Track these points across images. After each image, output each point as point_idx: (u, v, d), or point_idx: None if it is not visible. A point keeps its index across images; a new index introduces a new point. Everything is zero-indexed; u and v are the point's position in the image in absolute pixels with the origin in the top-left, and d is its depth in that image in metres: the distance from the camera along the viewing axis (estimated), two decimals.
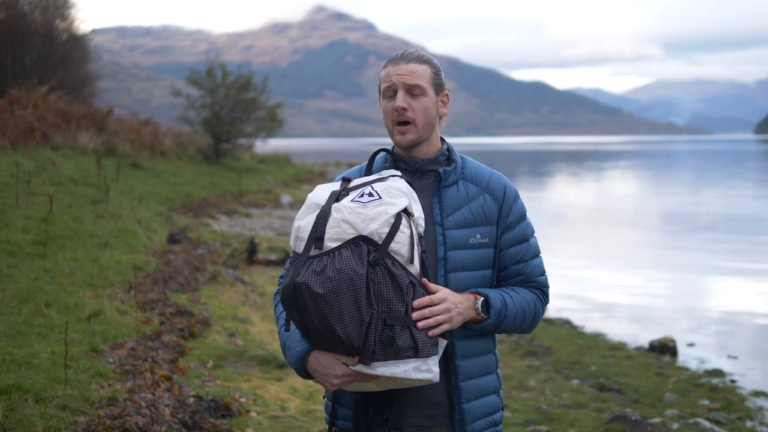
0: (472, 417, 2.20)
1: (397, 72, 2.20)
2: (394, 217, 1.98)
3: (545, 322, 9.24)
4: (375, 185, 2.09)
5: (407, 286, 1.96)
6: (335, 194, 2.07)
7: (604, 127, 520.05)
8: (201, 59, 31.45)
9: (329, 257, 1.94)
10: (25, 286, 6.63)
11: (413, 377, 1.97)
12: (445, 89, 2.28)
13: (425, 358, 1.98)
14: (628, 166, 55.23)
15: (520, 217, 2.29)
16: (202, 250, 10.63)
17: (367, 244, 1.95)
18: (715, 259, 13.90)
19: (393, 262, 1.96)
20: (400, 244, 1.97)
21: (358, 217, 1.98)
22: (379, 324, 1.92)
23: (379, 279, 1.93)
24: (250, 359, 6.04)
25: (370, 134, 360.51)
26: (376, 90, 2.32)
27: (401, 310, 1.94)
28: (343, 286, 1.90)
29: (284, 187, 24.81)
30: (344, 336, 1.91)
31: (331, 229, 1.98)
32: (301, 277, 1.92)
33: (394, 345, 1.93)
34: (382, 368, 1.95)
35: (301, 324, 1.97)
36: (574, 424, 5.52)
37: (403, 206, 2.01)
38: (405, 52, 2.24)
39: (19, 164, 11.72)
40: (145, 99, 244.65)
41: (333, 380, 2.01)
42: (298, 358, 2.09)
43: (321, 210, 2.02)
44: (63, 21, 25.67)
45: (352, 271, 1.91)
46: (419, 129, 2.21)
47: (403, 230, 1.98)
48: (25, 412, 3.98)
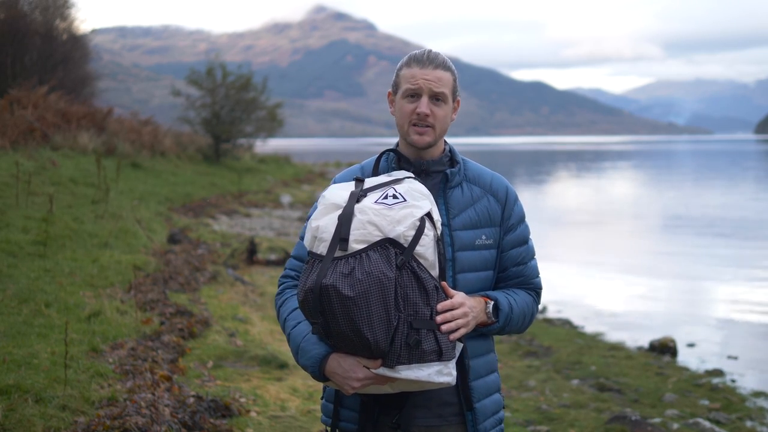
0: (483, 416, 2.23)
1: (425, 77, 2.19)
2: (419, 220, 1.98)
3: (545, 322, 9.25)
4: (396, 187, 2.08)
5: (432, 290, 1.96)
6: (355, 195, 2.05)
7: (604, 127, 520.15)
8: (201, 59, 31.44)
9: (356, 259, 1.92)
10: (25, 286, 6.63)
11: (436, 380, 1.97)
12: (458, 95, 2.29)
13: (447, 361, 1.99)
14: (628, 167, 55.23)
15: (520, 218, 2.32)
16: (202, 250, 10.63)
17: (393, 247, 1.94)
18: (716, 259, 13.90)
19: (419, 266, 1.95)
20: (425, 247, 1.97)
21: (384, 219, 1.97)
22: (405, 327, 1.91)
23: (405, 282, 1.92)
24: (250, 359, 6.04)
25: (370, 134, 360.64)
26: (376, 90, 2.32)
27: (427, 314, 1.94)
28: (372, 289, 1.88)
29: (284, 187, 24.80)
30: (372, 339, 1.89)
31: (356, 230, 1.96)
32: (328, 278, 1.89)
33: (420, 348, 1.93)
34: (407, 372, 1.94)
35: (324, 326, 1.95)
36: (574, 424, 5.52)
37: (427, 209, 2.01)
38: (431, 54, 2.22)
39: (19, 164, 11.71)
40: (145, 99, 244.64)
41: (354, 383, 1.99)
42: (316, 361, 2.05)
43: (344, 211, 2.00)
44: (63, 21, 25.67)
45: (382, 274, 1.89)
46: (436, 134, 2.23)
47: (427, 233, 1.98)
48: (25, 412, 3.98)
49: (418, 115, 2.19)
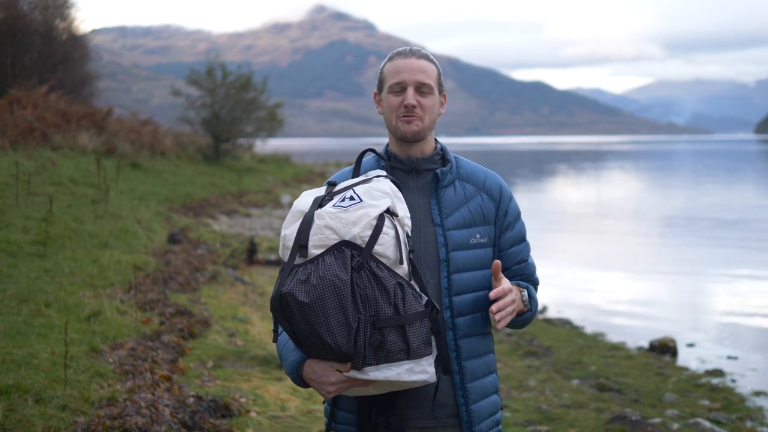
0: (479, 417, 2.22)
1: (409, 67, 2.20)
2: (376, 219, 1.97)
3: (545, 322, 9.25)
4: (357, 188, 2.08)
5: (394, 288, 1.94)
6: (318, 200, 2.06)
7: (604, 127, 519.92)
8: (201, 59, 31.44)
9: (313, 265, 1.93)
10: (25, 286, 6.63)
11: (407, 379, 1.95)
12: (444, 90, 2.31)
13: (418, 359, 1.96)
14: (628, 167, 55.21)
15: (516, 216, 2.32)
16: (202, 250, 10.62)
17: (350, 249, 1.94)
18: (716, 259, 13.89)
19: (378, 265, 1.94)
20: (384, 246, 1.96)
21: (339, 222, 1.97)
22: (368, 328, 1.91)
23: (364, 283, 1.92)
24: (250, 359, 6.04)
25: (370, 134, 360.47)
26: (376, 89, 2.31)
27: (389, 312, 1.93)
28: (327, 293, 1.89)
29: (284, 187, 24.80)
30: (333, 343, 1.90)
31: (314, 236, 1.97)
32: (286, 286, 1.91)
33: (385, 348, 1.92)
34: (375, 372, 1.94)
35: (292, 333, 1.97)
36: (574, 424, 5.52)
37: (384, 207, 2.00)
38: (413, 48, 2.25)
39: (19, 164, 11.72)
40: (145, 99, 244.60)
41: (328, 388, 2.01)
42: (293, 368, 2.09)
43: (304, 217, 2.02)
44: (63, 21, 25.65)
45: (336, 277, 1.90)
46: (425, 124, 2.23)
47: (386, 231, 1.97)
48: (25, 412, 3.98)
49: (406, 108, 2.19)
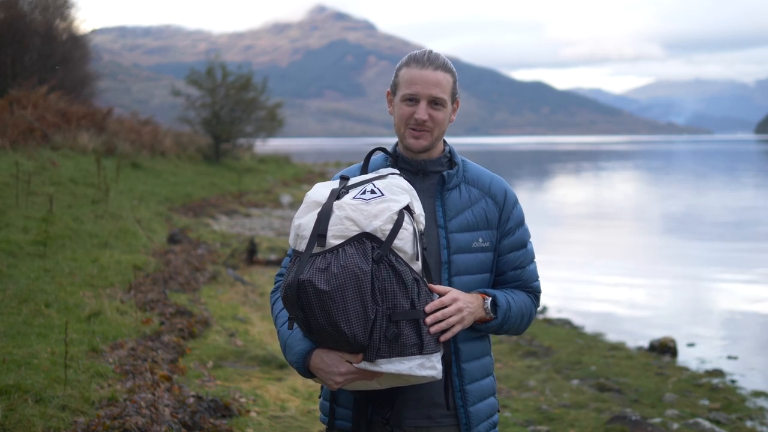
0: (477, 420, 2.22)
1: (424, 79, 2.17)
2: (397, 214, 1.98)
3: (545, 322, 9.25)
4: (376, 182, 2.09)
5: (412, 282, 1.96)
6: (336, 192, 2.07)
7: (604, 127, 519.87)
8: (201, 59, 31.48)
9: (333, 254, 1.93)
10: (25, 286, 6.63)
11: (418, 374, 1.97)
12: (458, 96, 2.28)
13: (429, 354, 1.99)
14: (628, 167, 55.21)
15: (519, 222, 2.31)
16: (202, 250, 10.62)
17: (370, 241, 1.95)
18: (716, 259, 13.89)
19: (397, 259, 1.96)
20: (403, 241, 1.98)
21: (360, 214, 1.98)
22: (384, 321, 1.92)
23: (383, 275, 1.93)
24: (250, 359, 6.04)
25: (369, 134, 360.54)
26: (376, 90, 2.33)
27: (406, 306, 1.94)
28: (348, 283, 1.89)
29: (284, 187, 24.80)
30: (350, 333, 1.90)
31: (333, 226, 1.97)
32: (305, 274, 1.91)
33: (399, 341, 1.93)
34: (387, 365, 1.95)
35: (305, 322, 1.96)
36: (574, 424, 5.52)
37: (405, 203, 2.02)
38: (431, 55, 2.20)
39: (19, 164, 11.72)
40: (145, 99, 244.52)
41: (337, 378, 2.00)
42: (300, 357, 2.08)
43: (323, 208, 2.02)
44: (63, 21, 25.65)
45: (357, 267, 1.90)
46: (433, 137, 2.22)
47: (406, 227, 1.99)
48: (25, 412, 3.98)
49: (416, 121, 2.19)
